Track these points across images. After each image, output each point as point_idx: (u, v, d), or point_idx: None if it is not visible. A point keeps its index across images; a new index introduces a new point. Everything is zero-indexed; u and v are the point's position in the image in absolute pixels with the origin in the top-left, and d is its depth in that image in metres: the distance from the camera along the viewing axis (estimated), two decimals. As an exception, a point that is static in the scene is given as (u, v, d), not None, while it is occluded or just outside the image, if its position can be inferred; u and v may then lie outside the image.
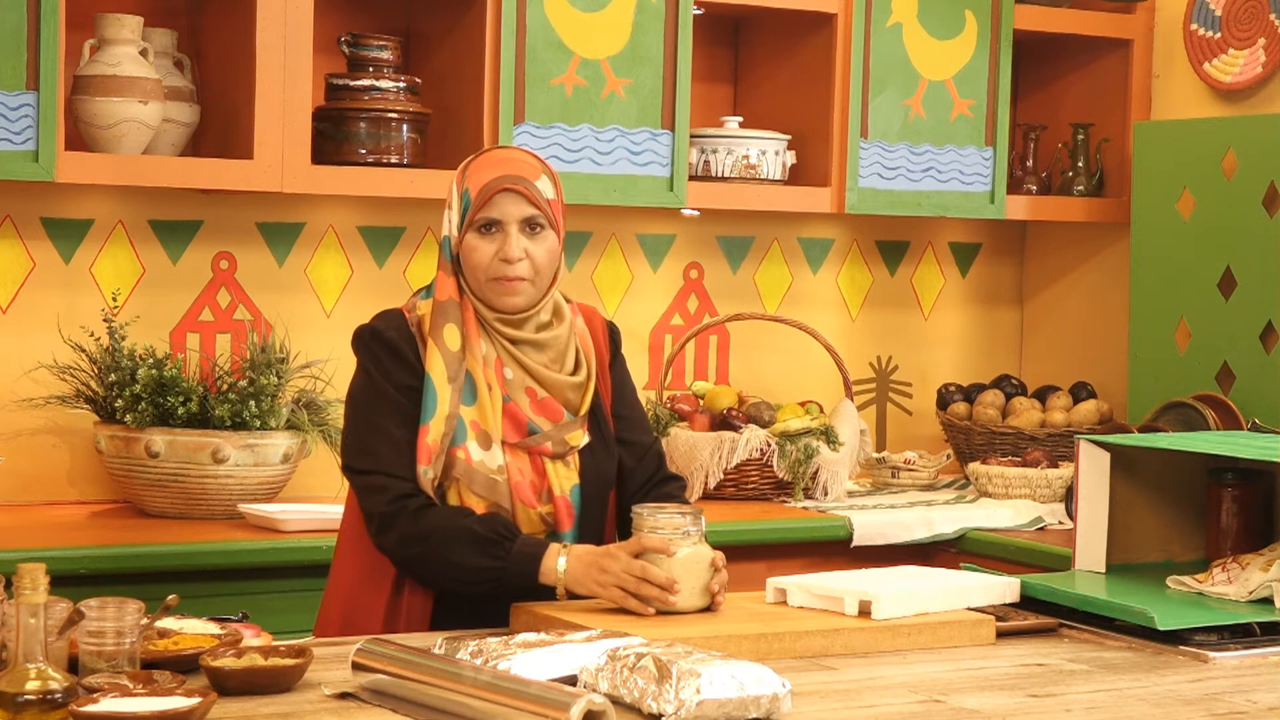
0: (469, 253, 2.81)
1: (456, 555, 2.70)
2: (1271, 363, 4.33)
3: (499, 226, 2.80)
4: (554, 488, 2.82)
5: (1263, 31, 4.45)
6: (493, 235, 2.80)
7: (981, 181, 4.58)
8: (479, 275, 2.81)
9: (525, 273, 2.80)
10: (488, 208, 2.80)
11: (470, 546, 2.70)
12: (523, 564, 2.70)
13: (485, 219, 2.80)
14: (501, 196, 2.80)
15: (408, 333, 2.83)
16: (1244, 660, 2.63)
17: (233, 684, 2.21)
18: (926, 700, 2.33)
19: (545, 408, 2.83)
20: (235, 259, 4.10)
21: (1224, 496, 3.07)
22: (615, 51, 4.11)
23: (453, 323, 2.81)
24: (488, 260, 2.79)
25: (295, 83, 3.80)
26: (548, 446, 2.82)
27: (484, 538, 2.71)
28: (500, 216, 2.80)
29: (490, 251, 2.79)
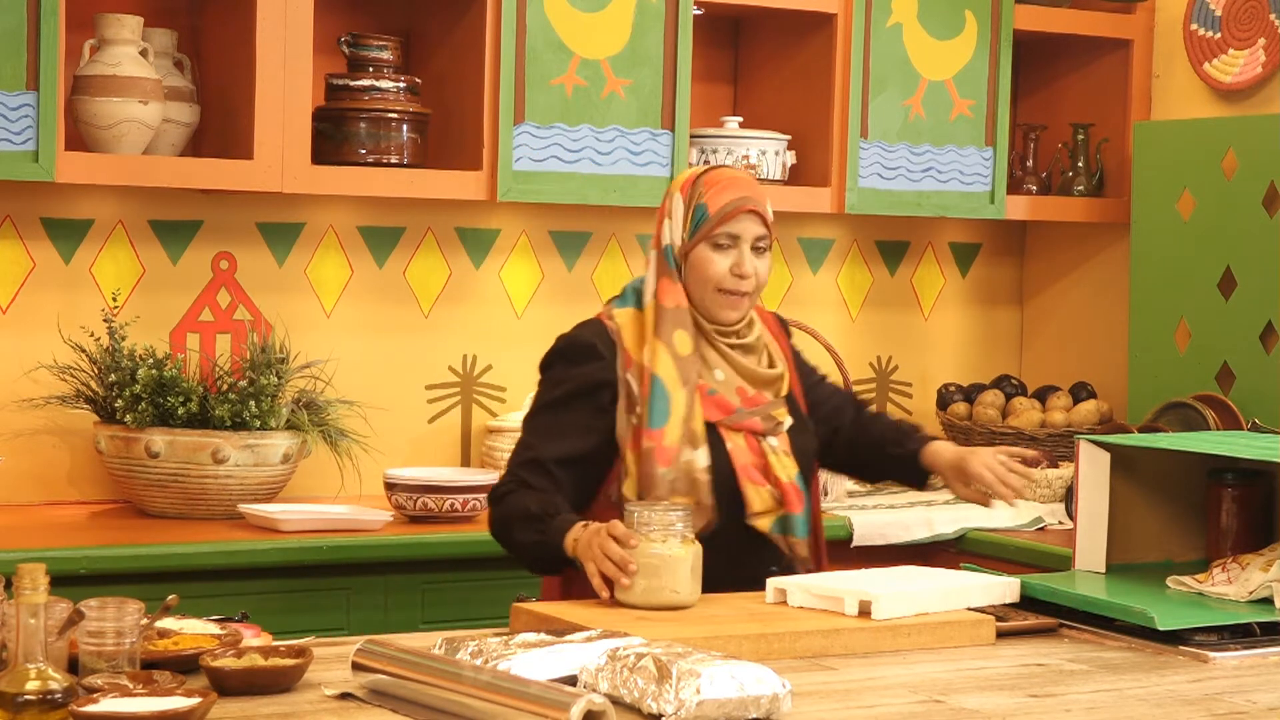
0: (701, 264, 2.98)
1: (514, 531, 2.90)
2: (1272, 363, 4.33)
3: (735, 242, 2.98)
4: (780, 476, 2.97)
5: (1263, 31, 4.45)
6: (726, 251, 2.97)
7: (981, 182, 4.58)
8: (707, 286, 2.98)
9: (750, 288, 2.99)
10: (729, 224, 2.97)
11: (524, 524, 2.88)
12: (555, 537, 2.83)
13: (726, 235, 2.97)
14: (742, 216, 2.97)
15: (608, 340, 2.99)
16: (1244, 660, 2.63)
17: (233, 684, 2.21)
18: (926, 700, 2.33)
19: (754, 402, 3.01)
20: (235, 259, 4.10)
21: (1224, 496, 3.07)
22: (615, 52, 4.11)
23: (683, 329, 2.96)
24: (721, 273, 2.97)
25: (295, 83, 3.80)
26: (756, 422, 2.99)
27: (534, 515, 2.87)
28: (739, 233, 2.98)
29: (724, 265, 2.97)
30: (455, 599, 3.69)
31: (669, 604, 2.69)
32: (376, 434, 4.08)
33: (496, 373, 4.38)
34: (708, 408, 2.96)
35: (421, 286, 4.29)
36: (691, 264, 2.99)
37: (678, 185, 3.05)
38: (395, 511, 3.82)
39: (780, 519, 2.98)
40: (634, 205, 4.20)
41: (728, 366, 3.00)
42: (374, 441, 4.03)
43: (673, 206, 3.02)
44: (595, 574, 2.72)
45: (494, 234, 4.37)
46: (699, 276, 2.99)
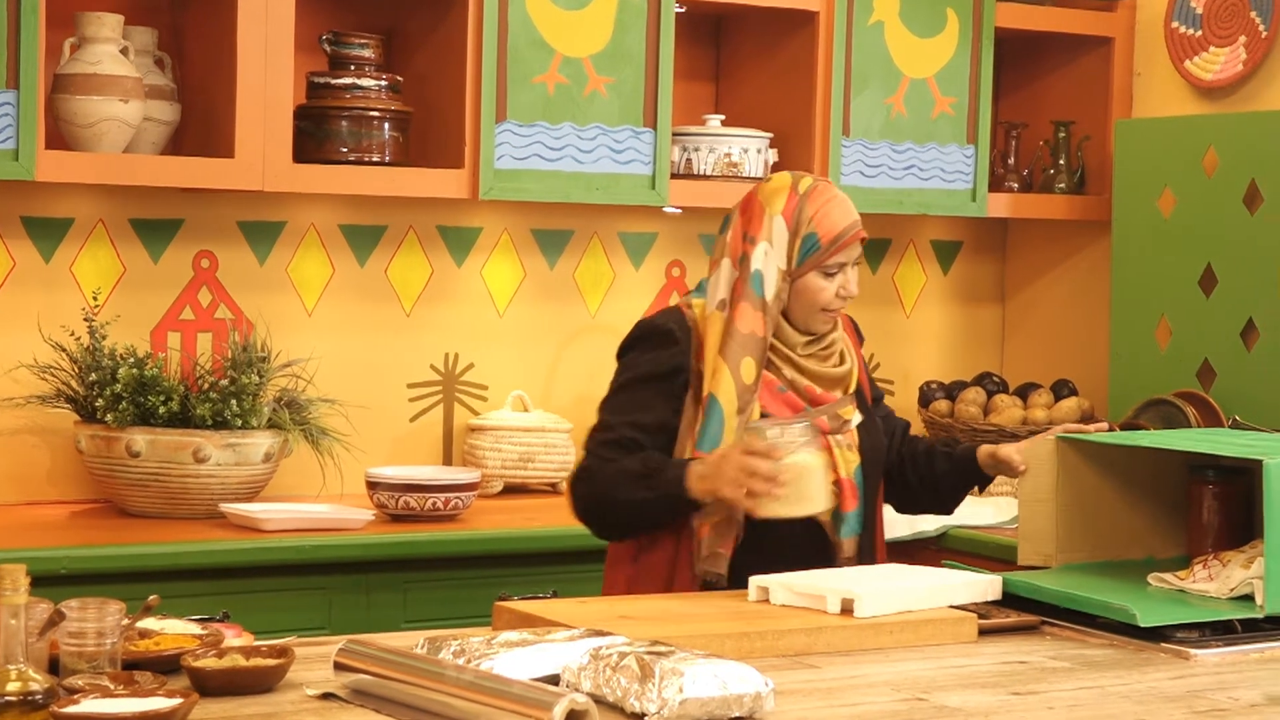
0: (811, 291, 3.01)
1: (622, 492, 2.92)
2: (1252, 360, 4.34)
3: (842, 269, 3.03)
4: (840, 470, 3.01)
5: (1243, 29, 4.46)
6: (834, 277, 3.02)
7: (963, 179, 4.58)
8: (814, 308, 3.02)
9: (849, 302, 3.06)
10: (841, 254, 3.02)
11: (632, 482, 2.92)
12: (673, 484, 2.89)
13: (837, 263, 3.02)
14: (854, 244, 3.03)
15: (685, 326, 3.02)
16: (1225, 657, 2.64)
17: (214, 685, 2.21)
18: (909, 698, 2.33)
19: (823, 400, 3.04)
20: (216, 258, 4.09)
21: (1205, 494, 3.07)
22: (597, 50, 4.10)
23: (752, 357, 2.97)
24: (829, 297, 3.02)
25: (276, 81, 3.79)
26: (824, 421, 3.01)
27: (639, 473, 2.92)
28: (848, 261, 3.04)
29: (833, 289, 3.02)
30: (437, 598, 3.68)
31: (811, 511, 2.86)
32: (358, 433, 4.07)
33: (478, 371, 4.37)
34: (778, 406, 3.00)
35: (403, 285, 4.29)
36: (799, 290, 3.01)
37: (778, 204, 3.01)
38: (377, 510, 3.82)
39: (834, 515, 3.02)
40: (616, 203, 4.20)
41: (794, 371, 3.04)
42: (355, 440, 4.03)
43: (773, 231, 3.00)
44: (739, 495, 2.81)
45: (476, 232, 4.37)
46: (807, 301, 3.02)
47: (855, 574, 2.86)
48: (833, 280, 3.01)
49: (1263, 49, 4.41)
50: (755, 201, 3.05)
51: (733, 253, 3.04)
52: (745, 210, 3.06)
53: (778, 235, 3.00)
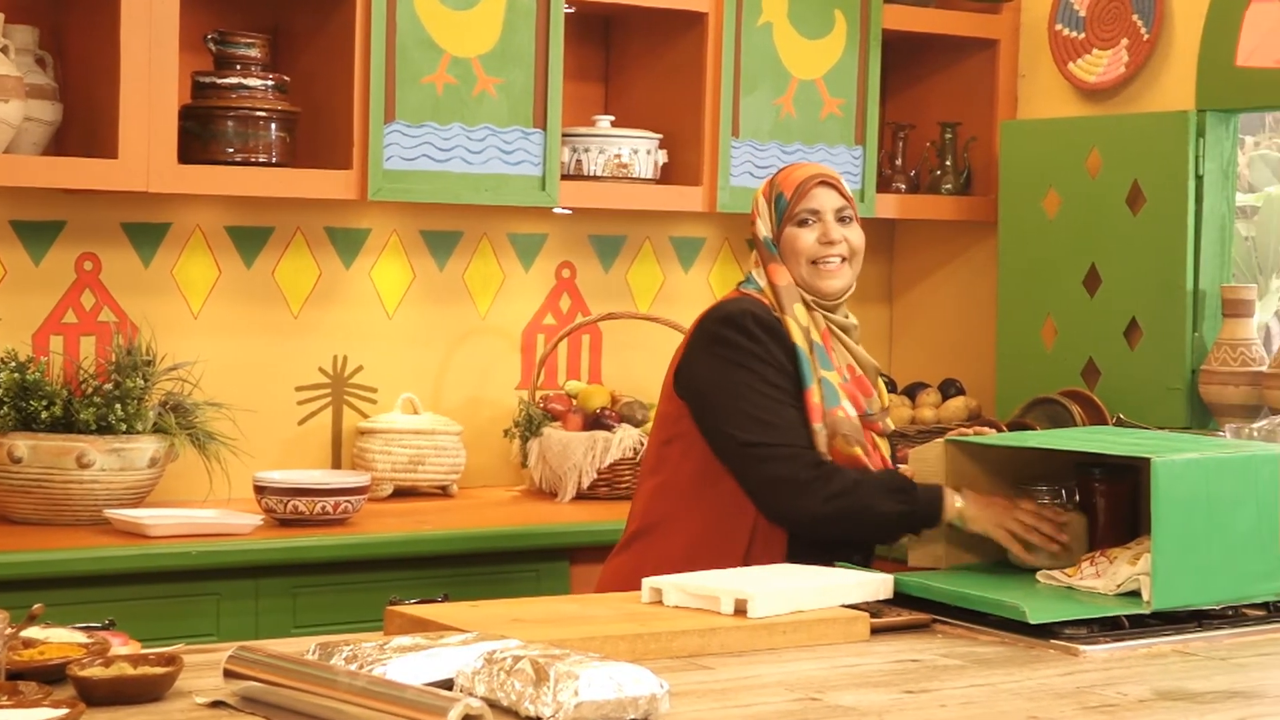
0: (791, 242, 3.17)
1: (878, 504, 3.05)
2: (1136, 359, 4.40)
3: (817, 216, 3.17)
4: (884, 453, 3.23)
5: (1126, 32, 4.52)
6: (811, 226, 3.17)
7: (852, 180, 4.61)
8: (801, 261, 3.16)
9: (844, 252, 3.18)
10: (806, 200, 3.17)
11: (886, 495, 3.05)
12: (928, 505, 3.04)
13: (805, 210, 3.17)
14: (818, 190, 3.18)
15: (774, 314, 3.15)
16: (1113, 653, 2.66)
17: (101, 694, 2.17)
18: (803, 698, 2.33)
19: (860, 384, 3.21)
20: (100, 260, 4.03)
21: (1092, 492, 3.11)
22: (486, 50, 4.09)
23: (799, 302, 3.15)
24: (810, 245, 3.16)
25: (161, 81, 3.74)
26: (880, 424, 3.23)
27: (894, 486, 3.06)
28: (818, 207, 3.17)
29: (812, 237, 3.16)
30: (328, 603, 3.66)
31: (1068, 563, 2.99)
32: (246, 436, 4.03)
33: (367, 373, 4.34)
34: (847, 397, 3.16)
35: (291, 287, 4.25)
36: (784, 248, 3.17)
37: (760, 191, 3.25)
38: (265, 515, 3.78)
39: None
40: (506, 204, 4.19)
41: (839, 345, 3.19)
42: (243, 444, 3.98)
43: (759, 208, 3.22)
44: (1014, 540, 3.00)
45: (364, 233, 4.34)
46: (792, 255, 3.17)
47: (748, 574, 2.86)
48: (809, 229, 3.16)
49: (1145, 51, 4.47)
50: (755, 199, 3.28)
51: (755, 239, 3.23)
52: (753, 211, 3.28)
53: (763, 210, 3.22)
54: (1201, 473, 2.82)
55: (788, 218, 3.17)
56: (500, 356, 4.54)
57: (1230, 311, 4.29)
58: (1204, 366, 4.30)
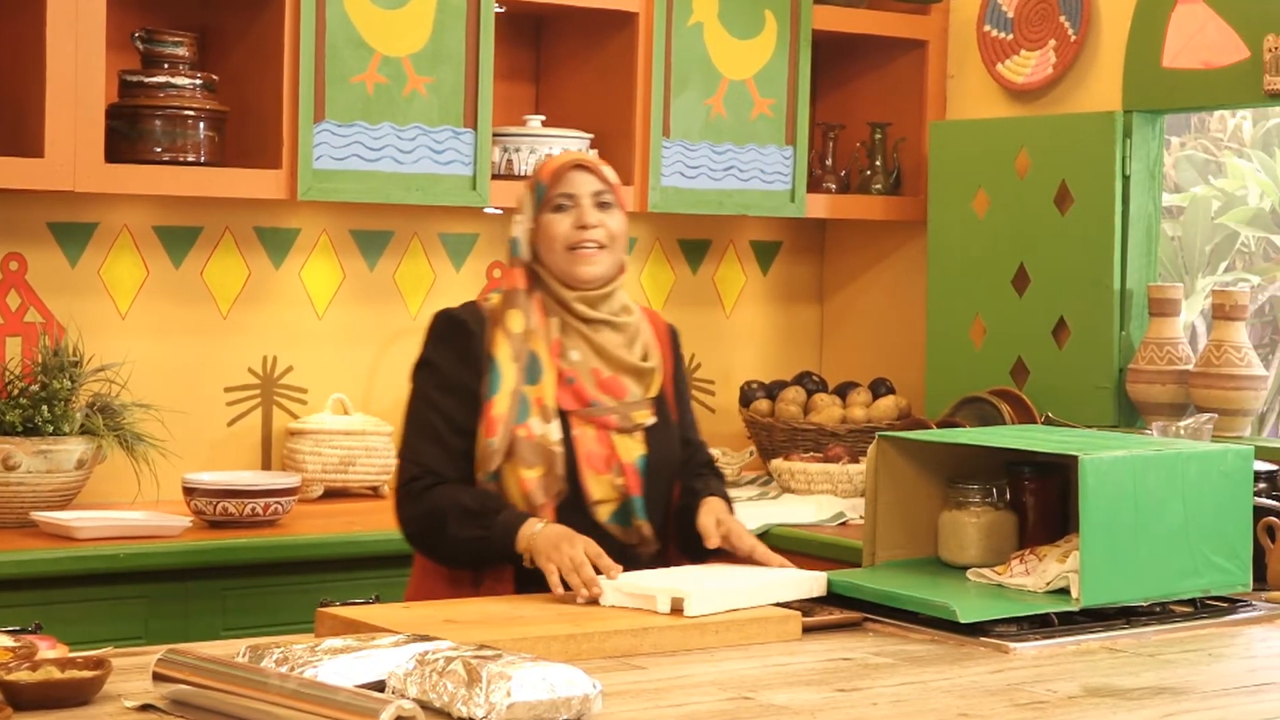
0: (547, 229, 3.06)
1: (452, 529, 2.91)
2: (1064, 358, 4.44)
3: (573, 201, 3.06)
4: (621, 457, 3.01)
5: (1053, 33, 4.55)
6: (568, 211, 3.05)
7: (782, 180, 4.62)
8: (557, 247, 3.04)
9: (602, 238, 3.05)
10: (562, 185, 3.06)
11: (462, 520, 2.91)
12: (503, 536, 2.89)
13: (560, 195, 3.06)
14: (574, 174, 3.07)
15: (480, 317, 3.05)
16: (1043, 650, 2.69)
17: (28, 698, 2.15)
18: (736, 697, 2.34)
19: (609, 386, 3.04)
20: (25, 260, 3.99)
21: (1021, 490, 3.13)
22: (416, 49, 4.08)
23: (517, 309, 3.03)
24: (566, 230, 3.04)
25: (87, 79, 3.71)
26: (613, 419, 3.03)
27: (473, 510, 2.92)
28: (574, 191, 3.06)
29: (567, 223, 3.04)
30: (258, 605, 3.63)
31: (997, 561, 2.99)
32: (174, 438, 4.00)
33: (297, 374, 4.32)
34: (564, 396, 3.00)
35: (220, 287, 4.22)
36: (540, 235, 3.07)
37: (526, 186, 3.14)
38: (194, 517, 3.76)
39: (621, 506, 3.00)
40: (436, 204, 4.18)
41: (585, 346, 3.04)
42: (172, 446, 3.95)
43: (523, 201, 3.11)
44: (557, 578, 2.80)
45: (294, 233, 4.31)
46: (548, 243, 3.05)
47: (683, 573, 2.87)
48: (565, 215, 3.05)
49: (1072, 52, 4.50)
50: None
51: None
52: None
53: (525, 202, 3.10)
54: (1129, 471, 2.85)
55: (544, 203, 3.07)
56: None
57: (1157, 311, 4.33)
58: (1131, 365, 4.33)
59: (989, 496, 3.08)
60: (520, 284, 3.05)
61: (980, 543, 3.06)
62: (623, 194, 3.13)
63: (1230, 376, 4.19)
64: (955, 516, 3.09)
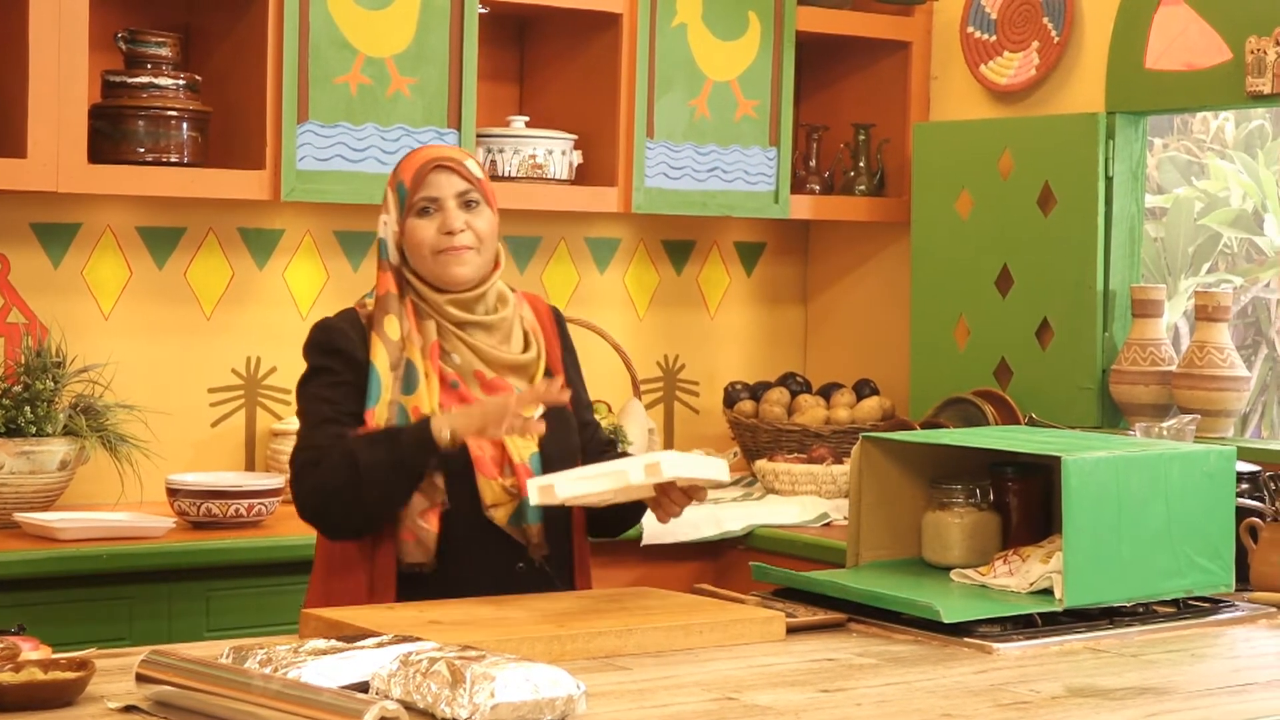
0: (412, 235, 2.96)
1: (364, 466, 2.80)
2: (1047, 359, 4.44)
3: (437, 204, 2.95)
4: (513, 457, 2.92)
5: (1036, 35, 4.56)
6: (432, 215, 2.95)
7: (766, 181, 4.63)
8: (424, 253, 2.95)
9: (470, 241, 2.95)
10: (424, 188, 2.95)
11: (371, 450, 2.81)
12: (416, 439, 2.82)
13: (423, 199, 2.95)
14: (435, 175, 2.95)
15: (357, 322, 2.96)
16: (1026, 650, 2.69)
17: (11, 699, 2.15)
18: (720, 698, 2.34)
19: (494, 387, 2.95)
20: (8, 260, 3.98)
21: (1005, 491, 3.13)
22: (400, 50, 4.07)
23: (393, 314, 2.94)
24: (431, 236, 2.94)
25: (70, 79, 3.70)
26: None
27: (374, 439, 2.83)
28: (437, 194, 2.95)
29: (432, 228, 2.94)
30: (242, 606, 3.63)
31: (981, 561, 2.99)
32: (158, 439, 3.99)
33: (281, 375, 4.31)
34: (449, 400, 2.92)
35: (203, 288, 4.22)
36: (406, 240, 2.96)
37: (388, 181, 3.03)
38: (178, 518, 3.75)
39: (518, 508, 2.92)
40: (420, 205, 4.17)
41: (463, 348, 2.96)
42: (155, 447, 3.95)
43: (387, 200, 3.00)
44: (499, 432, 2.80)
45: (278, 234, 4.31)
46: (414, 248, 2.95)
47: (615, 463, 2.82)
48: (430, 219, 2.94)
49: (1055, 54, 4.51)
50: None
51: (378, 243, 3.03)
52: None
53: (389, 202, 3.00)
54: (1112, 471, 2.85)
55: (408, 208, 2.96)
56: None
57: (1140, 312, 4.34)
58: (1114, 366, 4.34)
59: (972, 497, 3.08)
60: (391, 288, 2.96)
61: (964, 543, 3.07)
62: (490, 189, 3.01)
63: (1213, 378, 4.20)
64: (939, 517, 3.10)
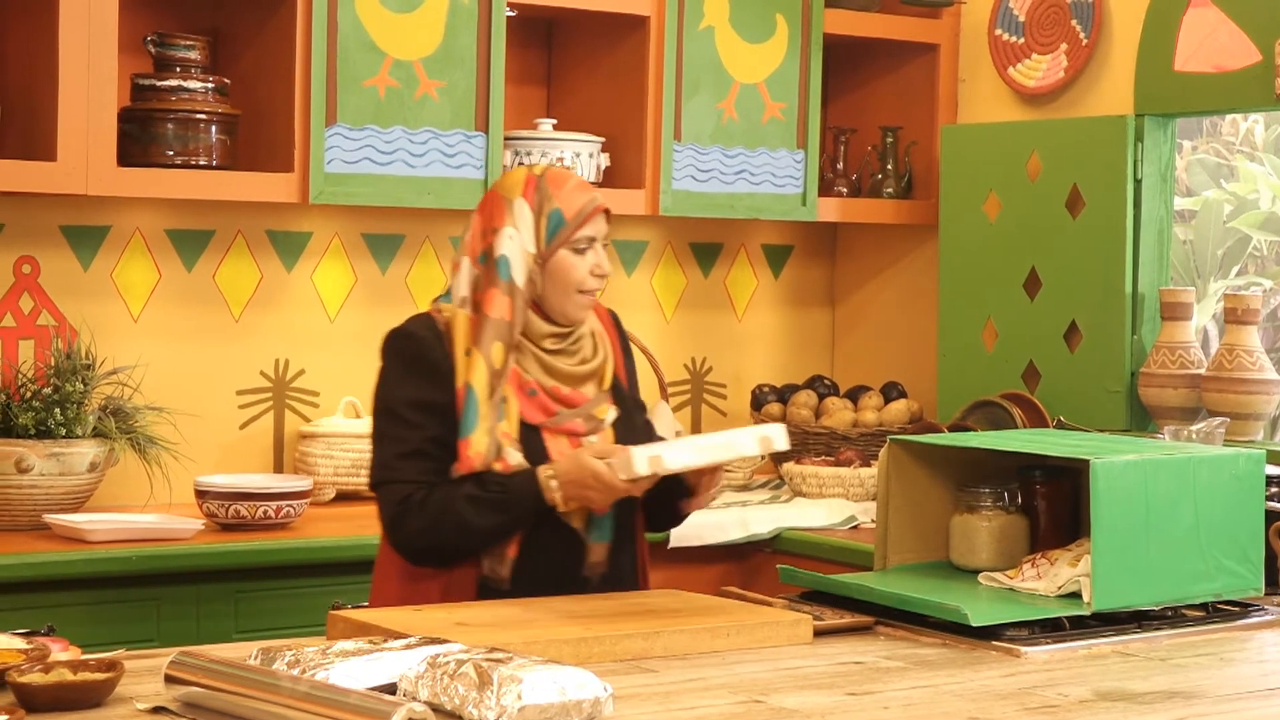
0: (563, 269, 2.96)
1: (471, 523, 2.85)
2: (1075, 361, 4.43)
3: (592, 244, 2.99)
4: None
5: (1064, 37, 4.55)
6: (585, 254, 2.97)
7: (793, 184, 4.62)
8: (569, 290, 2.96)
9: (605, 285, 3.04)
10: (589, 226, 2.98)
11: (477, 510, 2.85)
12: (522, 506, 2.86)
13: (585, 237, 2.97)
14: (599, 216, 3.00)
15: (438, 332, 2.94)
16: (1054, 654, 2.68)
17: (41, 700, 2.16)
18: (747, 700, 2.34)
19: (570, 400, 2.98)
20: (38, 263, 4.00)
21: (1033, 494, 3.13)
22: (428, 53, 4.08)
23: (502, 341, 2.92)
24: (583, 276, 2.97)
25: (100, 83, 3.71)
26: (578, 424, 2.97)
27: (482, 499, 2.85)
28: (595, 234, 2.99)
29: (585, 266, 2.97)
30: (270, 608, 3.64)
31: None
32: (186, 441, 4.00)
33: (309, 377, 4.32)
34: (530, 410, 2.94)
35: (232, 290, 4.23)
36: (552, 271, 2.95)
37: (516, 190, 2.97)
38: (206, 520, 3.76)
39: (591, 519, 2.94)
40: (448, 208, 4.18)
41: (541, 370, 2.97)
42: (184, 448, 3.96)
43: (516, 215, 2.95)
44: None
45: (306, 237, 4.32)
46: (561, 282, 2.95)
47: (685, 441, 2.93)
48: (584, 257, 2.96)
49: (1083, 56, 4.50)
50: (495, 196, 3.01)
51: (472, 251, 2.98)
52: (484, 208, 3.01)
53: (522, 219, 2.95)
54: (1140, 474, 2.84)
55: (563, 239, 2.95)
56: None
57: (1169, 315, 4.32)
58: (1143, 369, 4.33)
59: (1000, 500, 3.08)
60: (507, 315, 2.92)
61: (991, 546, 3.06)
62: None
63: (1242, 380, 4.18)
64: (967, 520, 3.09)
